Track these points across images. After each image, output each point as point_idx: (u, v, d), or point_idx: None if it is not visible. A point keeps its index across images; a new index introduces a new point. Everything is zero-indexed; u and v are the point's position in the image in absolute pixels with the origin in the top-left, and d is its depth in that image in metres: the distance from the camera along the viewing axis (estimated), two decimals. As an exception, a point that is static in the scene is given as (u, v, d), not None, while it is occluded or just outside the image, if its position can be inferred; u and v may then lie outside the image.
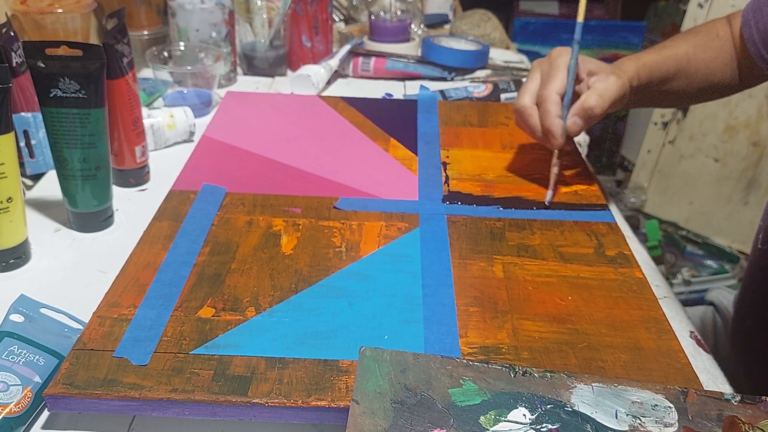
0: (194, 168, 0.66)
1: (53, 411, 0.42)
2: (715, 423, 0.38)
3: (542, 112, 0.60)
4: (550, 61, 0.62)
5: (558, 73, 0.60)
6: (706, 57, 0.68)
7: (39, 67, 0.52)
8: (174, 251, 0.54)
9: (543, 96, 0.60)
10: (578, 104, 0.60)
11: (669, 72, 0.67)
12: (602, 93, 0.59)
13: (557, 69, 0.61)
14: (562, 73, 0.60)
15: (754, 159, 1.74)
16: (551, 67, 0.61)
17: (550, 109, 0.60)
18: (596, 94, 0.59)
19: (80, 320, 0.49)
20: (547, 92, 0.60)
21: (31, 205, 0.64)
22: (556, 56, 0.61)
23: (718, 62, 0.69)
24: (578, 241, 0.57)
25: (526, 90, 0.62)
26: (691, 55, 0.68)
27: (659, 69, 0.66)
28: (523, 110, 0.62)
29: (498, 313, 0.49)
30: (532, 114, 0.61)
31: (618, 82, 0.60)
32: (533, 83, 0.62)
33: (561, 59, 0.61)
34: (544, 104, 0.60)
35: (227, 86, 0.94)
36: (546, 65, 0.62)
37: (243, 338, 0.45)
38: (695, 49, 0.68)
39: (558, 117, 0.60)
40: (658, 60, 0.66)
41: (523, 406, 0.38)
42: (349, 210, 0.61)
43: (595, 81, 0.61)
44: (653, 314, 0.49)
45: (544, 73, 0.62)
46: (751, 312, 0.70)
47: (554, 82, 0.60)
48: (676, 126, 1.83)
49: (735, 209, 1.80)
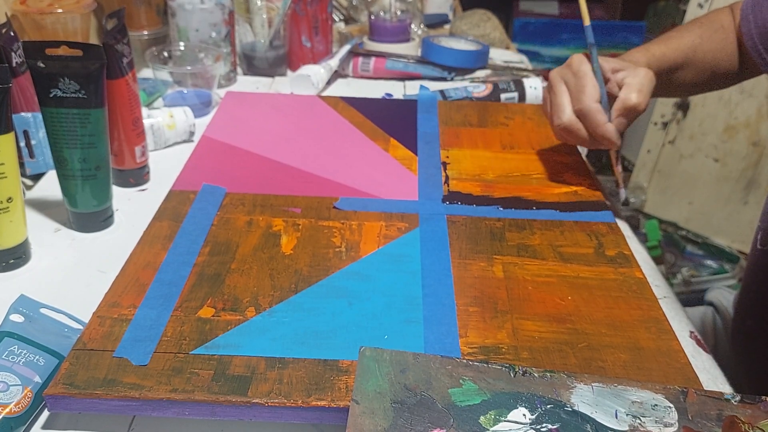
0: (194, 168, 0.66)
1: (53, 411, 0.42)
2: (714, 423, 0.38)
3: (591, 124, 0.60)
4: (573, 71, 0.61)
5: (588, 81, 0.60)
6: (712, 47, 0.68)
7: (39, 67, 0.52)
8: (174, 251, 0.54)
9: (586, 109, 0.60)
10: (620, 104, 0.60)
11: (677, 62, 0.67)
12: (640, 88, 0.59)
13: (585, 77, 0.60)
14: (591, 81, 0.60)
15: (754, 159, 1.74)
16: (577, 77, 0.61)
17: (598, 120, 0.60)
18: (635, 90, 0.59)
19: (80, 320, 0.49)
20: (587, 104, 0.60)
21: (31, 205, 0.64)
22: (578, 65, 0.61)
23: (723, 53, 0.69)
24: (578, 241, 0.57)
25: (561, 106, 0.62)
26: (698, 45, 0.68)
27: (667, 60, 0.66)
28: (571, 126, 0.62)
29: (498, 313, 0.49)
30: (581, 128, 0.61)
31: (649, 73, 0.60)
32: (563, 97, 0.62)
33: (584, 66, 0.61)
34: (591, 116, 0.60)
35: (227, 86, 0.94)
36: (570, 76, 0.62)
37: (243, 338, 0.45)
38: (701, 39, 0.68)
39: (609, 123, 0.60)
40: (665, 51, 0.66)
41: (523, 406, 0.38)
42: (349, 210, 0.61)
43: (624, 77, 0.61)
44: (653, 314, 0.49)
45: (572, 84, 0.61)
46: (751, 312, 0.70)
47: (588, 91, 0.60)
48: (676, 126, 1.83)
49: (735, 209, 1.80)
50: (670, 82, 0.68)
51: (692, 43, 0.68)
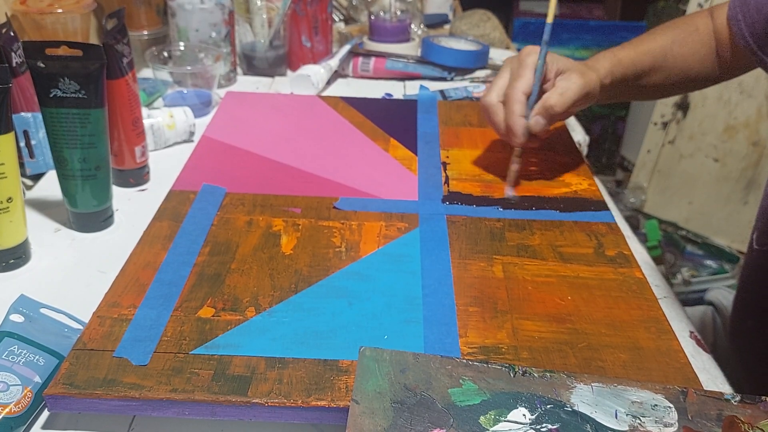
0: (194, 168, 0.66)
1: (53, 411, 0.42)
2: (714, 423, 0.38)
3: (507, 111, 0.61)
4: (520, 60, 0.62)
5: (525, 72, 0.61)
6: (684, 51, 0.69)
7: (39, 67, 0.52)
8: (174, 251, 0.54)
9: (509, 95, 0.61)
10: (539, 103, 0.61)
11: (645, 68, 0.67)
12: (563, 92, 0.60)
13: (525, 68, 0.61)
14: (529, 73, 0.61)
15: (753, 159, 1.74)
16: (520, 65, 0.62)
17: (513, 109, 0.60)
18: (557, 93, 0.60)
19: (80, 320, 0.49)
20: (512, 91, 0.61)
21: (31, 205, 0.64)
22: (526, 55, 0.62)
23: (696, 56, 0.69)
24: (578, 241, 0.57)
25: (494, 87, 0.63)
26: (668, 49, 0.68)
27: (634, 65, 0.67)
28: (489, 107, 0.63)
29: (498, 313, 0.49)
30: (497, 111, 0.62)
31: (581, 80, 0.61)
32: (502, 80, 0.63)
33: (530, 58, 0.61)
34: (509, 103, 0.61)
35: (227, 86, 0.94)
36: (515, 64, 0.63)
37: (243, 338, 0.45)
38: (673, 43, 0.69)
39: (521, 116, 0.60)
40: (633, 56, 0.67)
41: (523, 406, 0.38)
42: (348, 210, 0.61)
43: (558, 80, 0.61)
44: (653, 314, 0.49)
45: (513, 71, 0.62)
46: (750, 312, 0.70)
47: (521, 81, 0.61)
48: (676, 126, 1.83)
49: (734, 209, 1.80)
50: (638, 86, 0.69)
51: (663, 47, 0.68)
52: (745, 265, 0.71)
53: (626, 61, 0.66)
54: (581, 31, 1.95)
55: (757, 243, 0.67)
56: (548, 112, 0.60)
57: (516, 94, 0.60)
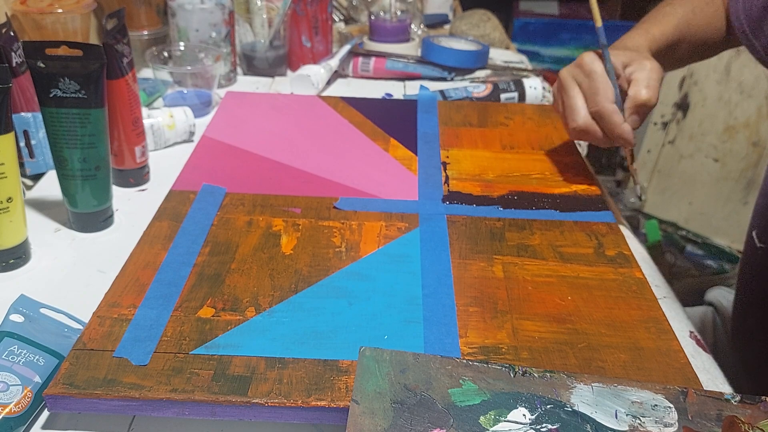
0: (194, 168, 0.66)
1: (53, 411, 0.42)
2: (714, 423, 0.38)
3: (607, 125, 0.60)
4: (586, 72, 0.61)
5: (601, 82, 0.60)
6: (703, 22, 0.69)
7: (39, 67, 0.52)
8: (174, 251, 0.54)
9: (602, 111, 0.60)
10: (631, 102, 0.60)
11: (674, 40, 0.68)
12: (648, 83, 0.60)
13: (598, 78, 0.60)
14: (605, 81, 0.60)
15: (753, 159, 1.74)
16: (590, 78, 0.61)
17: (615, 120, 0.60)
18: (644, 86, 0.59)
19: (80, 320, 0.49)
20: (603, 106, 0.60)
21: (31, 205, 0.64)
22: (590, 64, 0.61)
23: (712, 25, 0.70)
24: (578, 241, 0.57)
25: (576, 108, 0.62)
26: (690, 20, 0.69)
27: (666, 40, 0.67)
28: (588, 128, 0.62)
29: (498, 313, 0.49)
30: (596, 130, 0.61)
31: (655, 65, 0.60)
32: (577, 100, 0.62)
33: (596, 66, 0.61)
34: (608, 117, 0.60)
35: (227, 86, 0.94)
36: (582, 77, 0.62)
37: (243, 338, 0.45)
38: (692, 14, 0.69)
39: (624, 123, 0.60)
40: (664, 31, 0.67)
41: (523, 406, 0.38)
42: (348, 210, 0.61)
43: (633, 72, 0.61)
44: (653, 314, 0.49)
45: (585, 85, 0.61)
46: (751, 311, 0.70)
47: (603, 92, 0.60)
48: (676, 126, 1.83)
49: (734, 209, 1.80)
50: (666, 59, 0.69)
51: (686, 18, 0.68)
52: (745, 264, 0.71)
53: (660, 37, 0.66)
54: (581, 31, 1.95)
55: (760, 241, 0.67)
56: (645, 107, 0.60)
57: (609, 107, 0.60)
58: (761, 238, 0.67)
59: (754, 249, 0.68)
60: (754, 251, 0.68)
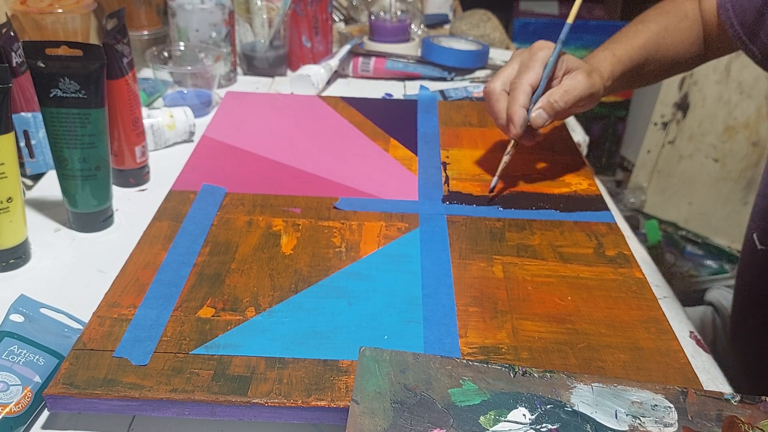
0: (194, 168, 0.66)
1: (53, 411, 0.42)
2: (714, 423, 0.38)
3: (510, 100, 0.61)
4: (531, 53, 0.62)
5: (535, 65, 0.61)
6: (675, 39, 0.69)
7: (39, 67, 0.52)
8: (174, 251, 0.54)
9: (514, 84, 0.61)
10: (543, 97, 0.60)
11: (641, 61, 0.68)
12: (568, 89, 0.60)
13: (535, 61, 0.61)
14: (538, 67, 0.61)
15: (753, 159, 1.74)
16: (530, 59, 0.61)
17: (517, 97, 0.60)
18: (562, 89, 0.60)
19: (80, 320, 0.49)
20: (519, 81, 0.60)
21: (31, 205, 0.64)
22: (537, 49, 0.62)
23: (686, 43, 0.70)
24: (578, 242, 0.57)
25: (499, 75, 0.63)
26: (661, 39, 0.69)
27: (632, 61, 0.67)
28: (491, 94, 0.62)
29: (498, 313, 0.49)
30: (500, 99, 0.62)
31: (587, 81, 0.61)
32: (509, 70, 0.63)
33: (542, 53, 0.61)
34: (513, 92, 0.60)
35: (227, 86, 0.94)
36: (526, 56, 0.62)
37: (243, 338, 0.45)
38: (665, 32, 0.69)
39: (522, 107, 0.60)
40: (630, 52, 0.67)
41: (523, 406, 0.38)
42: (348, 210, 0.61)
43: (565, 78, 0.61)
44: (653, 314, 0.49)
45: (522, 63, 0.62)
46: (751, 312, 0.70)
47: (529, 73, 0.60)
48: (676, 126, 1.83)
49: (734, 209, 1.80)
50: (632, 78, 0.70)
51: (656, 37, 0.68)
52: (745, 265, 0.71)
53: (625, 58, 0.66)
54: (581, 31, 1.95)
55: (761, 243, 0.67)
56: (551, 106, 0.60)
57: (522, 85, 0.60)
58: (762, 240, 0.67)
59: (754, 251, 0.68)
60: (754, 253, 0.68)
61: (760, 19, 0.62)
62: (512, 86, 0.61)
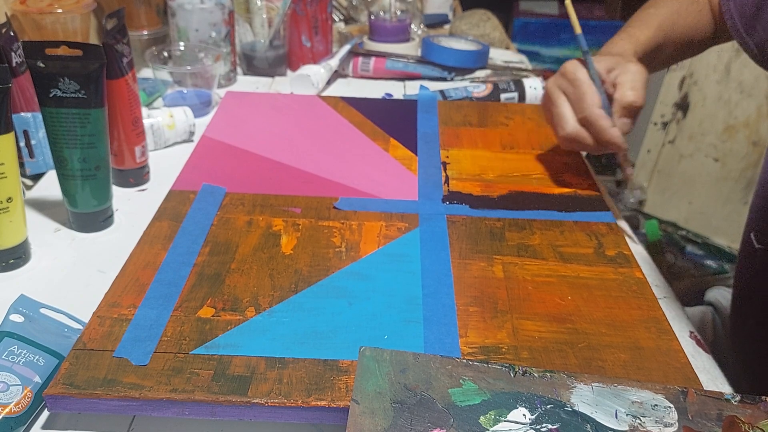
0: (194, 168, 0.66)
1: (53, 411, 0.42)
2: (714, 423, 0.38)
3: (596, 130, 0.60)
4: (570, 80, 0.62)
5: (586, 88, 0.60)
6: (688, 22, 0.70)
7: (39, 67, 0.52)
8: (174, 251, 0.54)
9: (589, 116, 0.60)
10: (618, 105, 0.60)
11: (658, 42, 0.68)
12: (633, 85, 0.60)
13: (583, 84, 0.60)
14: (590, 87, 0.60)
15: (753, 159, 1.74)
16: (575, 85, 0.61)
17: (603, 125, 0.60)
18: (629, 88, 0.60)
19: (80, 320, 0.49)
20: (590, 111, 0.60)
21: (31, 205, 0.64)
22: (573, 72, 0.61)
23: (697, 26, 0.70)
24: (578, 241, 0.57)
25: (563, 116, 0.62)
26: (675, 21, 0.69)
27: (651, 43, 0.67)
28: (577, 136, 0.62)
29: (498, 312, 0.49)
30: (585, 137, 0.62)
31: (639, 67, 0.61)
32: (564, 108, 0.62)
33: (580, 73, 0.61)
34: (596, 122, 0.60)
35: (227, 86, 0.94)
36: (567, 85, 0.62)
37: (243, 338, 0.45)
38: (677, 15, 0.69)
39: (614, 127, 0.60)
40: (649, 35, 0.67)
41: (523, 405, 0.38)
42: (348, 210, 0.61)
43: (617, 76, 0.61)
44: (653, 314, 0.49)
45: (571, 93, 0.62)
46: (751, 312, 0.70)
47: (589, 97, 0.60)
48: (676, 126, 1.83)
49: (734, 209, 1.80)
50: (652, 61, 0.70)
51: (670, 21, 0.69)
52: (744, 264, 0.71)
53: (644, 40, 0.66)
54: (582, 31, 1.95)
55: (758, 242, 0.67)
56: (631, 108, 0.60)
57: (596, 112, 0.60)
58: (759, 239, 0.67)
59: (752, 250, 0.68)
60: (751, 252, 0.68)
61: (758, 12, 0.62)
62: (587, 119, 0.60)
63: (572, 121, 0.62)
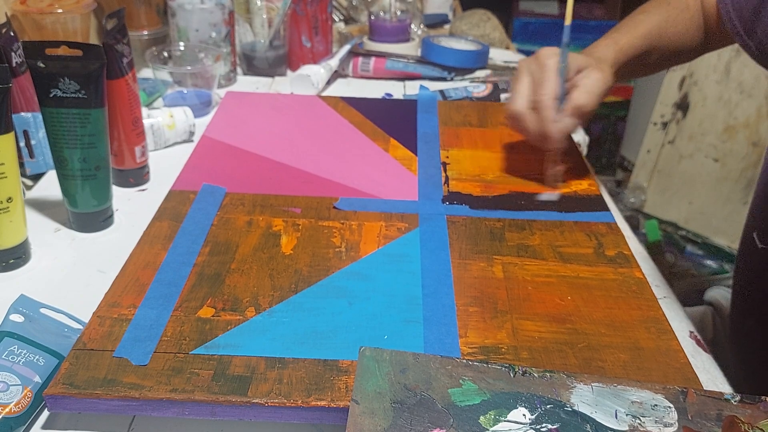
0: (194, 168, 0.66)
1: (53, 411, 0.42)
2: (714, 423, 0.38)
3: (540, 118, 0.61)
4: (539, 64, 0.62)
5: (550, 76, 0.60)
6: (677, 30, 0.70)
7: (39, 67, 0.52)
8: (174, 251, 0.54)
9: (540, 102, 0.60)
10: (569, 104, 0.60)
11: (643, 50, 0.68)
12: (590, 90, 0.60)
13: (548, 71, 0.61)
14: (554, 76, 0.60)
15: (753, 159, 1.74)
16: (541, 70, 0.61)
17: (548, 115, 0.60)
18: (584, 91, 0.60)
19: (80, 320, 0.49)
20: (543, 97, 0.60)
21: (31, 205, 0.64)
22: (545, 58, 0.61)
23: (687, 34, 0.70)
24: (578, 242, 0.57)
25: (518, 94, 0.62)
26: (663, 29, 0.69)
27: (634, 49, 0.67)
28: (520, 116, 0.62)
29: (498, 313, 0.49)
30: (530, 119, 0.62)
31: (602, 76, 0.61)
32: (524, 86, 0.62)
33: (551, 61, 0.61)
34: (542, 110, 0.60)
35: (227, 86, 0.94)
36: (535, 67, 0.62)
37: (243, 338, 0.45)
38: (666, 23, 0.69)
39: (555, 122, 0.60)
40: (633, 41, 0.67)
41: (523, 406, 0.38)
42: (348, 210, 0.61)
43: (580, 78, 0.61)
44: (653, 314, 0.49)
45: (535, 76, 0.62)
46: (751, 312, 0.70)
47: (548, 85, 0.60)
48: (676, 126, 1.83)
49: (734, 209, 1.80)
50: (635, 66, 0.70)
51: (658, 28, 0.69)
52: (743, 264, 0.71)
53: (627, 47, 0.67)
54: (581, 31, 1.95)
55: (761, 242, 0.67)
56: (580, 111, 0.60)
57: (547, 101, 0.60)
58: (762, 239, 0.67)
59: (754, 250, 0.68)
60: (753, 252, 0.68)
61: (757, 14, 0.62)
62: (538, 104, 0.61)
63: (524, 101, 0.62)
